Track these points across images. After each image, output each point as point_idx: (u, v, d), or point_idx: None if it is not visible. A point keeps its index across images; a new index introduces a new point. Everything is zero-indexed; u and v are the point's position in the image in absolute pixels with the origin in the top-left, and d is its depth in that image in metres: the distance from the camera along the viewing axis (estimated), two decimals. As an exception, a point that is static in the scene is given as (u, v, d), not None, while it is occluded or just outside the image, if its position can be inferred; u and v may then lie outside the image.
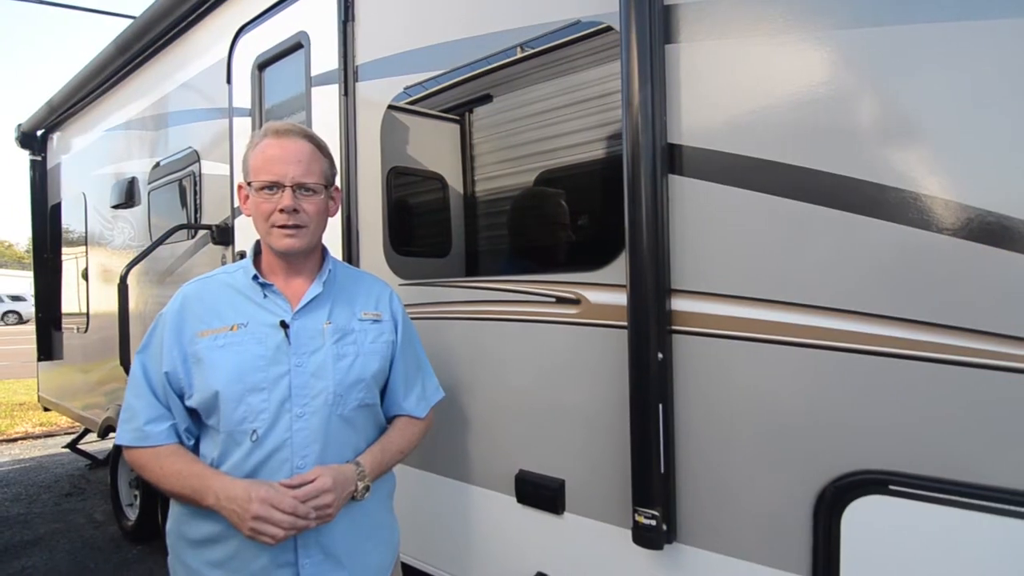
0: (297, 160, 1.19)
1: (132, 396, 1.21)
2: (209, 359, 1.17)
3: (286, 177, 1.18)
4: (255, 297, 1.23)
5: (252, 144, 1.24)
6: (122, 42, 3.30)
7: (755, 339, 1.11)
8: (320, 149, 1.25)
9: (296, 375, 1.18)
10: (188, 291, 1.25)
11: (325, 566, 1.20)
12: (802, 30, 1.07)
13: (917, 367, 0.95)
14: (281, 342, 1.19)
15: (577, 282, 1.38)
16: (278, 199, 1.18)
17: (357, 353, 1.25)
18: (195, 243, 2.87)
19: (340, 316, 1.27)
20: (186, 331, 1.19)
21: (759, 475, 1.11)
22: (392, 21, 1.87)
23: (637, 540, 1.21)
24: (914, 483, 0.95)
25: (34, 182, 5.00)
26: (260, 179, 1.19)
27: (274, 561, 1.17)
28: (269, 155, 1.19)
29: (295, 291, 1.25)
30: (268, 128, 1.23)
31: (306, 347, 1.21)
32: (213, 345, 1.18)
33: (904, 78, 0.98)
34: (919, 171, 0.97)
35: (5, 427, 6.71)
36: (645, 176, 1.18)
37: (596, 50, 1.37)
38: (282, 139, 1.21)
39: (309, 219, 1.21)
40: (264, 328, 1.20)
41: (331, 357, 1.22)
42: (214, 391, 1.15)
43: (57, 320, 4.75)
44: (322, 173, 1.24)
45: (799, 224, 1.06)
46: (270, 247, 1.24)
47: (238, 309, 1.21)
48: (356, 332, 1.27)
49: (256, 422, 1.15)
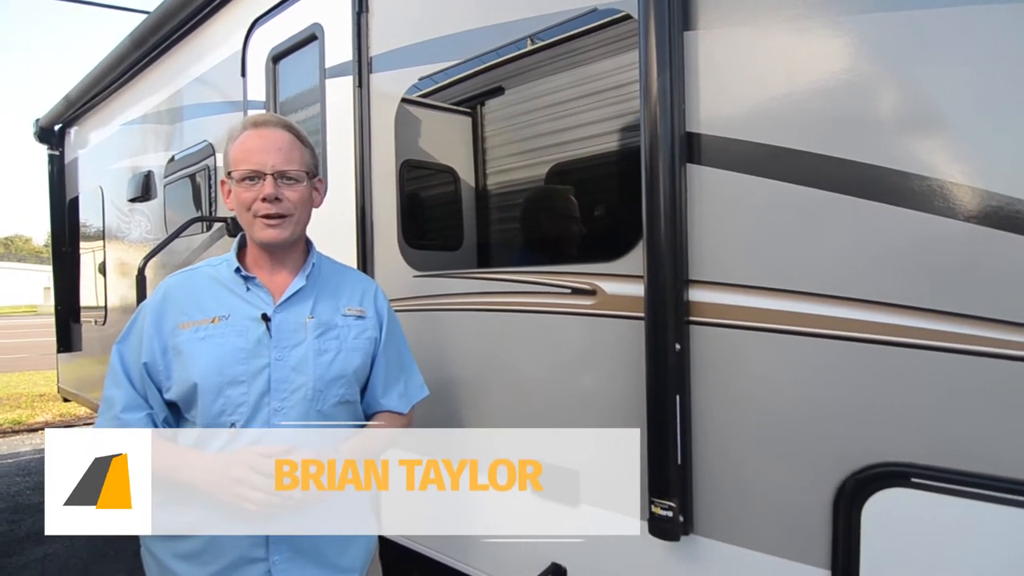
0: (277, 149, 1.19)
1: (110, 385, 1.21)
2: (189, 351, 1.16)
3: (266, 165, 1.18)
4: (238, 290, 1.23)
5: (232, 137, 1.23)
6: (138, 36, 3.33)
7: (774, 330, 1.10)
8: (300, 139, 1.25)
9: (276, 369, 1.18)
10: (171, 283, 1.25)
11: (297, 563, 1.19)
12: (825, 15, 1.05)
13: (940, 358, 0.93)
14: (262, 335, 1.19)
15: (593, 272, 1.37)
16: (259, 188, 1.18)
17: (339, 349, 1.24)
18: (210, 236, 2.90)
19: (323, 311, 1.26)
20: (167, 322, 1.19)
21: (777, 467, 1.10)
22: (406, 11, 1.87)
23: (653, 531, 1.20)
24: (937, 476, 0.94)
25: (52, 176, 5.07)
26: (240, 169, 1.19)
27: (245, 556, 1.17)
28: (249, 145, 1.19)
29: (278, 284, 1.25)
30: (247, 120, 1.24)
31: (287, 341, 1.20)
32: (194, 337, 1.17)
33: (928, 64, 0.96)
34: (942, 158, 0.95)
35: (26, 417, 6.86)
36: (663, 165, 1.17)
37: (613, 39, 1.36)
38: (261, 129, 1.21)
39: (292, 208, 1.21)
40: (245, 321, 1.19)
41: (312, 352, 1.21)
42: (192, 383, 1.15)
43: (76, 313, 4.83)
44: (303, 162, 1.23)
45: (819, 213, 1.04)
46: (253, 239, 1.23)
47: (220, 301, 1.21)
48: (339, 327, 1.26)
49: (234, 415, 1.15)
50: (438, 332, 1.74)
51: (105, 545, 3.44)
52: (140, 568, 2.84)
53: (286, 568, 1.18)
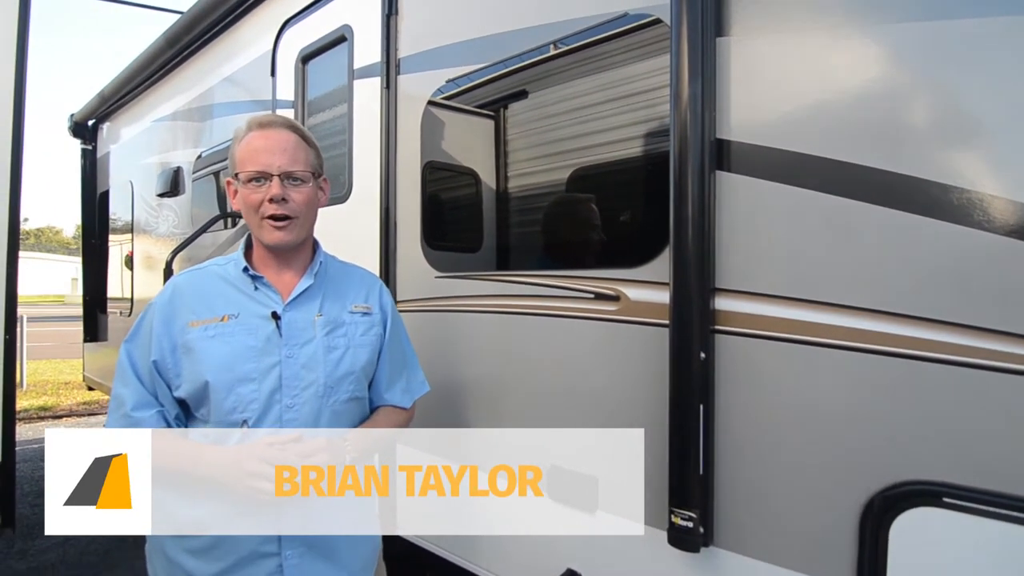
0: (283, 150, 1.19)
1: (119, 384, 1.20)
2: (199, 349, 1.17)
3: (272, 167, 1.18)
4: (246, 289, 1.23)
5: (237, 138, 1.23)
6: (171, 35, 3.41)
7: (802, 341, 1.08)
8: (305, 139, 1.25)
9: (287, 366, 1.19)
10: (179, 281, 1.25)
11: (308, 558, 1.20)
12: (863, 24, 1.03)
13: (976, 375, 0.91)
14: (272, 333, 1.20)
15: (617, 278, 1.36)
16: (266, 189, 1.18)
17: (348, 345, 1.26)
18: (235, 232, 2.95)
19: (331, 309, 1.27)
20: (176, 321, 1.19)
21: (803, 481, 1.08)
22: (435, 14, 1.88)
23: (673, 541, 1.19)
24: (971, 496, 0.91)
25: (84, 170, 5.20)
26: (247, 170, 1.19)
27: (257, 551, 1.17)
28: (255, 146, 1.19)
29: (286, 283, 1.25)
30: (252, 121, 1.24)
31: (297, 339, 1.21)
32: (204, 335, 1.18)
33: (968, 74, 0.94)
34: (980, 170, 0.93)
35: (52, 404, 7.04)
36: (692, 172, 1.16)
37: (643, 43, 1.35)
38: (266, 130, 1.21)
39: (299, 209, 1.21)
40: (255, 319, 1.20)
41: (322, 349, 1.22)
42: (204, 381, 1.15)
43: (103, 304, 4.94)
44: (308, 162, 1.23)
45: (851, 223, 1.03)
46: (261, 241, 1.23)
47: (229, 300, 1.21)
48: (347, 325, 1.27)
49: (246, 412, 1.16)
50: (459, 333, 1.75)
51: (124, 532, 3.51)
52: (159, 557, 2.80)
53: (297, 563, 1.19)
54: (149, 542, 1.27)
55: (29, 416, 6.45)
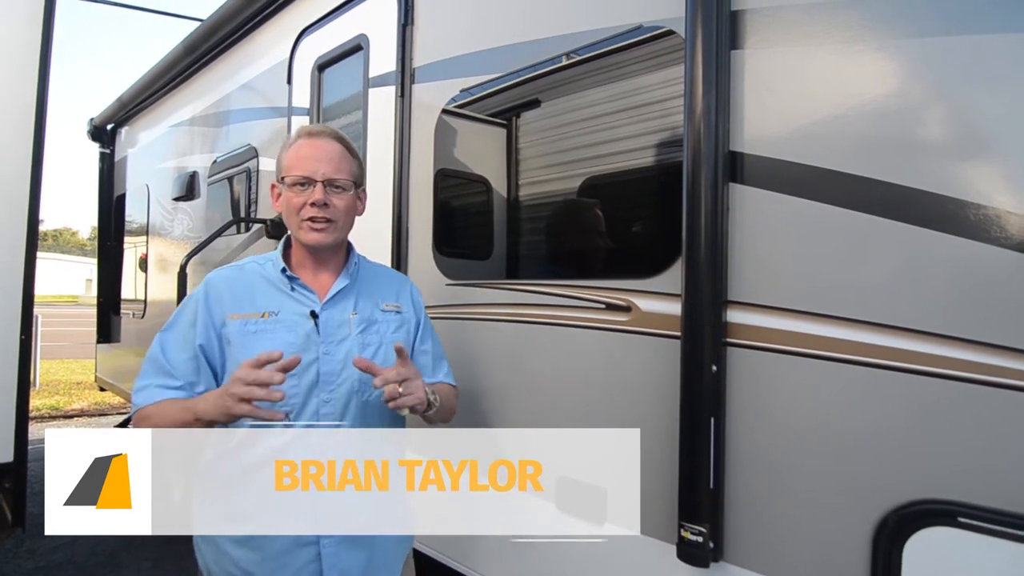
0: (328, 158, 1.26)
1: (149, 369, 1.26)
2: (239, 343, 1.23)
3: (317, 173, 1.25)
4: (284, 288, 1.29)
5: (286, 145, 1.31)
6: (190, 42, 3.47)
7: (815, 355, 1.07)
8: (349, 150, 1.32)
9: (324, 363, 1.25)
10: (217, 276, 1.31)
11: (344, 546, 1.25)
12: (879, 39, 1.03)
13: (992, 393, 0.90)
14: (311, 331, 1.26)
15: (628, 289, 1.36)
16: (309, 193, 1.25)
17: (380, 343, 1.31)
18: (249, 236, 2.98)
19: (364, 307, 1.33)
20: (217, 312, 1.25)
21: (815, 497, 1.07)
22: (451, 25, 1.90)
23: (682, 556, 1.18)
24: (985, 516, 0.90)
25: (102, 173, 5.29)
26: (293, 175, 1.26)
27: (296, 541, 1.23)
28: (302, 154, 1.27)
29: (322, 284, 1.32)
30: (301, 130, 1.32)
31: (333, 336, 1.27)
32: (244, 330, 1.23)
33: (984, 89, 0.93)
34: (996, 186, 0.92)
35: (63, 404, 7.11)
36: (706, 184, 1.16)
37: (657, 54, 1.36)
38: (314, 139, 1.28)
39: (338, 214, 1.28)
40: (294, 317, 1.26)
41: (357, 346, 1.28)
42: None
43: (116, 305, 5.00)
44: (351, 172, 1.30)
45: (865, 237, 1.02)
46: (299, 241, 1.30)
47: (270, 298, 1.28)
48: (379, 322, 1.33)
49: (286, 406, 1.20)
50: (468, 341, 1.75)
51: (132, 533, 3.53)
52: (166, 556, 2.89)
53: (334, 551, 1.25)
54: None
55: (41, 416, 6.52)
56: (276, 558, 1.23)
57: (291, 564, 1.23)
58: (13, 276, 2.21)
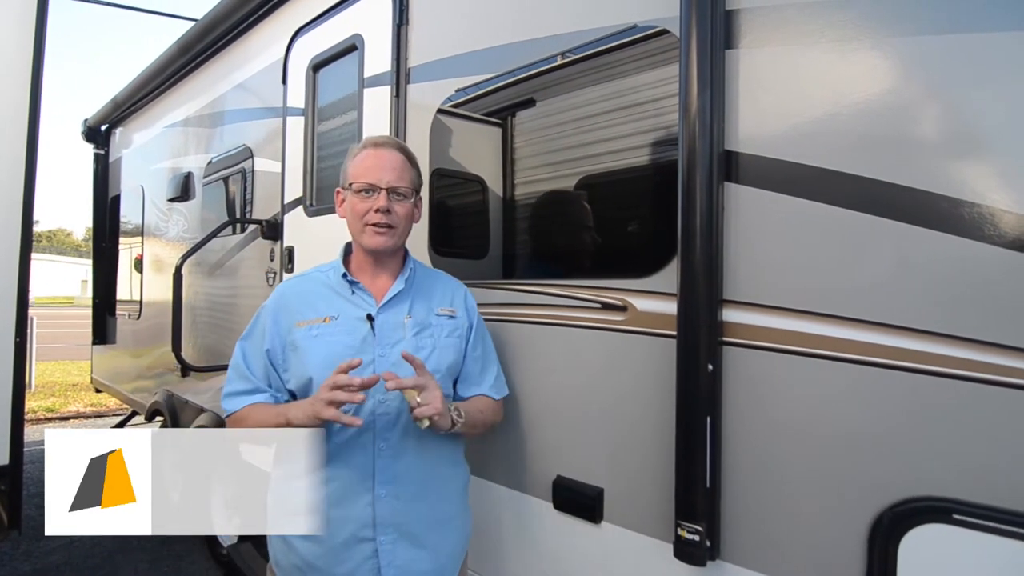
0: (392, 167, 1.35)
1: (234, 375, 1.37)
2: (304, 347, 1.31)
3: (382, 181, 1.33)
4: (344, 293, 1.37)
5: (352, 154, 1.40)
6: (184, 43, 3.45)
7: (810, 354, 1.07)
8: (410, 160, 1.40)
9: (380, 364, 1.31)
10: (287, 285, 1.41)
11: (401, 544, 1.32)
12: (873, 37, 1.03)
13: (986, 390, 0.90)
14: (367, 334, 1.32)
15: (624, 288, 1.36)
16: (374, 200, 1.33)
17: (434, 346, 1.37)
18: (245, 237, 2.97)
19: (419, 311, 1.39)
20: (284, 321, 1.34)
21: (811, 495, 1.07)
22: (446, 25, 1.90)
23: (679, 555, 1.18)
24: (982, 514, 0.90)
25: (97, 174, 5.27)
26: (359, 182, 1.34)
27: (355, 536, 1.30)
28: (368, 164, 1.35)
29: (380, 288, 1.38)
30: (367, 140, 1.41)
31: (389, 339, 1.33)
32: (308, 335, 1.32)
33: (978, 88, 0.93)
34: (990, 184, 0.92)
35: (59, 406, 7.08)
36: (700, 183, 1.16)
37: (651, 54, 1.36)
38: (379, 150, 1.37)
39: (399, 220, 1.35)
40: (352, 320, 1.33)
41: (411, 348, 1.33)
42: (308, 376, 1.29)
43: (112, 306, 4.98)
44: (411, 181, 1.39)
45: (860, 236, 1.02)
46: (361, 245, 1.37)
47: (330, 303, 1.35)
48: (433, 326, 1.39)
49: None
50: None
51: (129, 535, 3.52)
52: (163, 558, 2.89)
53: (391, 548, 1.31)
54: None
55: (36, 418, 6.49)
56: (337, 552, 1.30)
57: (351, 558, 1.30)
58: (8, 277, 2.19)
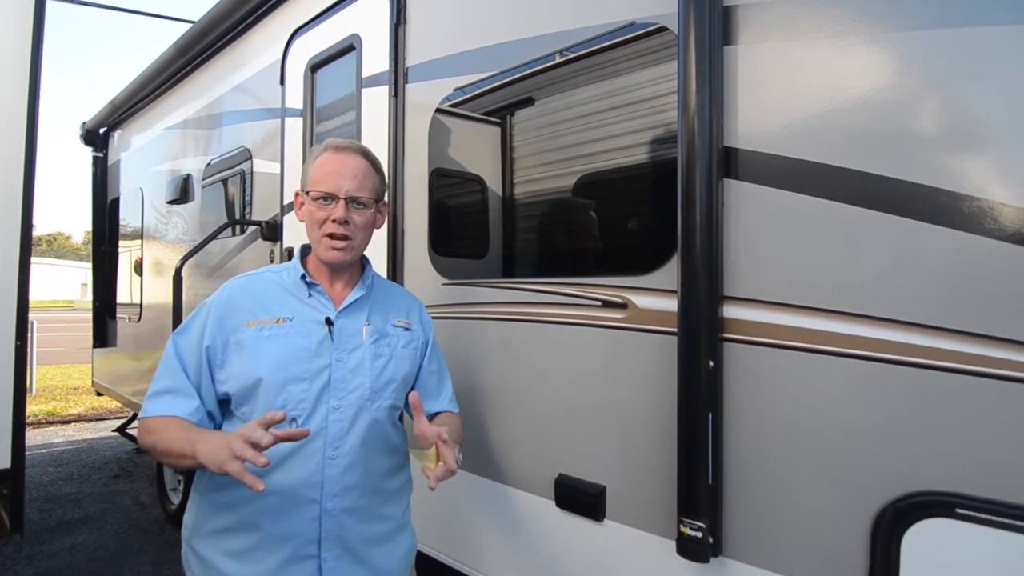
0: (353, 175, 1.27)
1: (163, 371, 1.23)
2: (253, 347, 1.22)
3: (341, 190, 1.26)
4: (300, 295, 1.30)
5: (313, 156, 1.32)
6: (182, 44, 3.45)
7: (811, 349, 1.07)
8: (374, 166, 1.33)
9: (336, 369, 1.25)
10: (236, 284, 1.32)
11: (344, 560, 1.24)
12: (871, 33, 1.03)
13: (988, 384, 0.90)
14: (324, 337, 1.26)
15: (624, 286, 1.36)
16: (331, 209, 1.26)
17: (391, 355, 1.33)
18: (244, 238, 2.97)
19: (377, 320, 1.34)
20: (231, 319, 1.24)
21: (813, 490, 1.07)
22: (443, 24, 1.90)
23: (682, 551, 1.18)
24: (984, 508, 0.90)
25: (96, 177, 5.26)
26: (317, 189, 1.27)
27: (297, 553, 1.20)
28: (328, 169, 1.27)
29: (337, 293, 1.33)
30: (329, 143, 1.32)
31: (347, 344, 1.27)
32: (258, 335, 1.23)
33: (977, 82, 0.93)
34: (989, 178, 0.92)
35: (60, 409, 7.08)
36: (700, 180, 1.16)
37: (649, 51, 1.35)
38: (341, 154, 1.29)
39: (357, 231, 1.29)
40: (309, 323, 1.27)
41: (369, 355, 1.28)
42: (257, 378, 1.20)
43: (112, 309, 4.98)
44: (373, 188, 1.31)
45: (860, 231, 1.02)
46: (318, 256, 1.31)
47: (285, 304, 1.28)
48: (390, 336, 1.35)
49: (295, 410, 1.20)
50: (465, 340, 1.75)
51: (131, 538, 3.51)
52: (165, 561, 2.88)
53: (334, 565, 1.23)
54: (185, 546, 1.29)
55: (37, 421, 6.49)
56: (275, 572, 1.19)
57: None
58: (7, 281, 2.19)
